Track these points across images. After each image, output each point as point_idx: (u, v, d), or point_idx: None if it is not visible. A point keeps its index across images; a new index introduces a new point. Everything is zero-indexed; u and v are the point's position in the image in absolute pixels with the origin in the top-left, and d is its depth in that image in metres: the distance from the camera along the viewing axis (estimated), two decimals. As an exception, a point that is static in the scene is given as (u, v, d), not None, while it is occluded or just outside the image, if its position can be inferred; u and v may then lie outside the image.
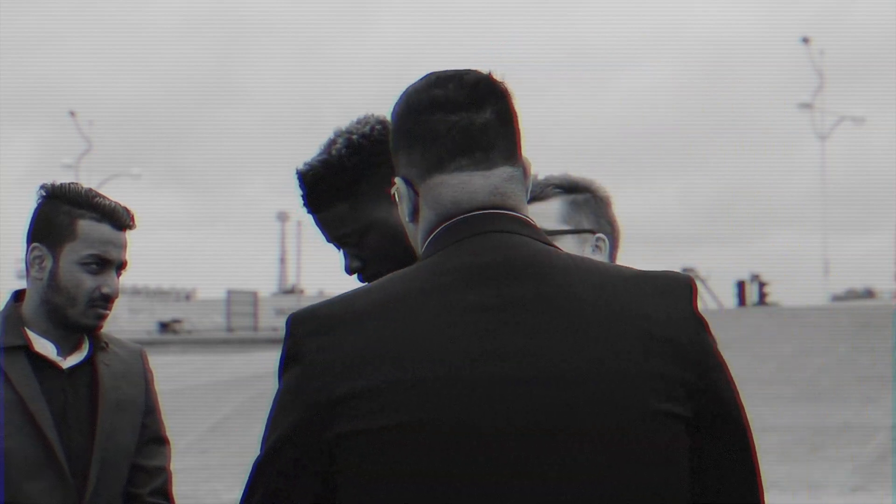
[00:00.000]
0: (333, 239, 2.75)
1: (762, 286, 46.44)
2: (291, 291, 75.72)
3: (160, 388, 3.45)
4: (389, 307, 1.87)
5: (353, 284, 2.74)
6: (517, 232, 1.93)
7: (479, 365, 1.83)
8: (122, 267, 3.25)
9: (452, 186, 1.95)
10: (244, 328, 59.22)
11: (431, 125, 1.95)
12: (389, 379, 1.82)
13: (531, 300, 1.86)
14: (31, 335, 3.22)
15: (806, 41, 50.48)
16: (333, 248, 2.79)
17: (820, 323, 26.63)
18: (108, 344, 3.30)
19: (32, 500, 3.13)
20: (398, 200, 2.01)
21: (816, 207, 62.74)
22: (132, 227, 3.26)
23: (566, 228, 2.84)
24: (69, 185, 3.26)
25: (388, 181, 2.65)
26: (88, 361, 3.25)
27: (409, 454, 1.81)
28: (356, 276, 2.74)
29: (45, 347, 3.22)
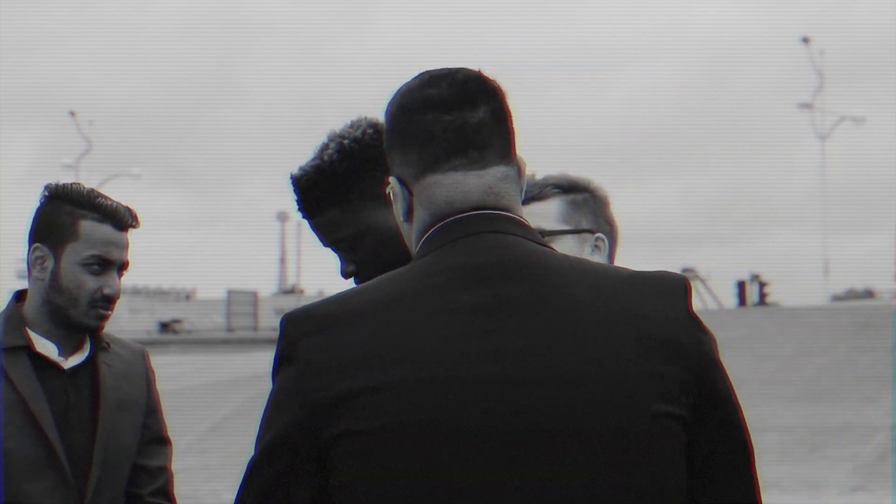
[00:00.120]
0: (328, 243, 2.76)
1: (762, 286, 46.44)
2: (291, 291, 75.69)
3: (160, 388, 3.45)
4: (384, 307, 1.87)
5: (352, 285, 2.76)
6: (511, 232, 1.93)
7: (474, 365, 1.82)
8: (123, 267, 3.25)
9: (447, 186, 1.94)
10: (244, 328, 59.21)
11: (425, 125, 1.95)
12: (385, 379, 1.82)
13: (526, 301, 1.86)
14: (32, 335, 3.22)
15: (806, 41, 50.49)
16: (330, 251, 2.79)
17: (820, 323, 26.64)
18: (109, 344, 3.30)
19: (34, 500, 3.13)
20: (393, 200, 2.01)
21: (816, 207, 62.76)
22: (135, 226, 3.26)
23: (565, 228, 2.84)
24: (71, 185, 3.26)
25: (380, 185, 2.66)
26: (90, 362, 3.25)
27: (405, 455, 1.80)
28: (352, 279, 2.75)
29: (46, 348, 3.22)
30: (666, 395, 1.85)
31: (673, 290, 1.92)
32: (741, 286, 46.27)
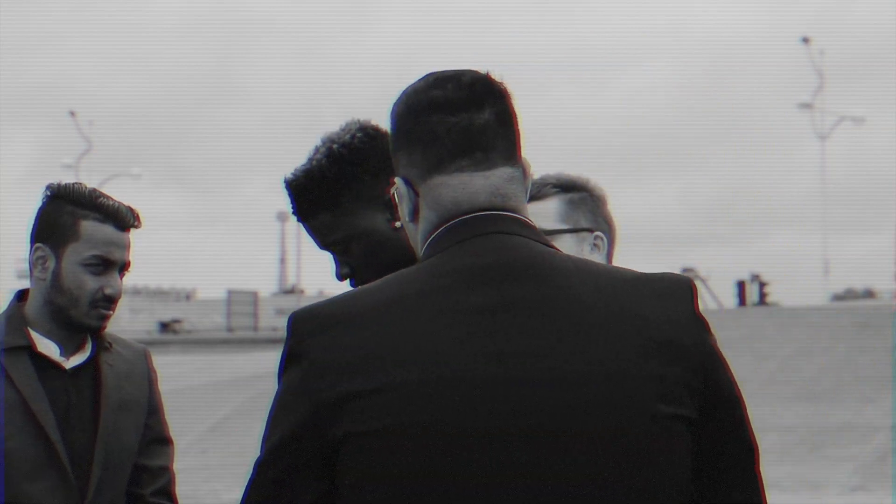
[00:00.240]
0: (322, 246, 2.77)
1: (762, 286, 46.45)
2: (291, 291, 75.67)
3: (160, 387, 3.45)
4: (391, 308, 1.87)
5: (349, 288, 2.77)
6: (517, 233, 1.93)
7: (478, 366, 1.83)
8: (125, 267, 3.25)
9: (453, 187, 1.95)
10: (244, 328, 59.20)
11: (431, 126, 1.95)
12: (390, 380, 1.82)
13: (531, 302, 1.86)
14: (34, 335, 3.22)
15: (806, 41, 50.48)
16: (327, 253, 2.80)
17: (820, 323, 26.63)
18: (111, 344, 3.30)
19: (35, 500, 3.13)
20: (397, 201, 2.01)
21: (816, 207, 62.76)
22: (137, 227, 3.25)
23: (564, 228, 2.84)
24: (73, 185, 3.26)
25: (371, 188, 2.68)
26: (91, 362, 3.25)
27: (409, 455, 1.80)
28: (348, 281, 2.76)
29: (48, 348, 3.22)
30: (669, 396, 1.85)
31: (677, 291, 1.92)
32: (741, 286, 46.28)
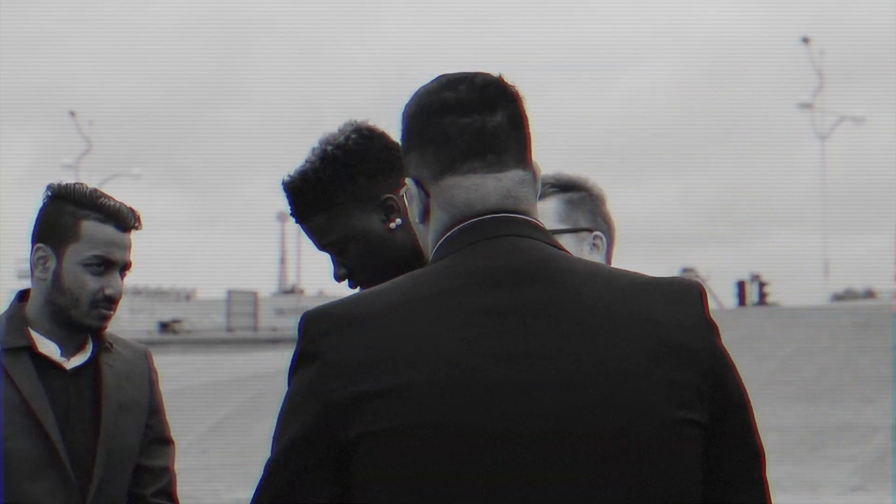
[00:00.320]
0: (320, 247, 2.78)
1: (762, 286, 46.48)
2: (291, 291, 75.66)
3: (160, 388, 3.45)
4: (404, 309, 1.86)
5: (347, 288, 2.78)
6: (529, 236, 1.93)
7: (491, 368, 1.83)
8: (126, 268, 3.25)
9: (465, 189, 1.95)
10: (244, 328, 59.21)
11: (443, 127, 1.96)
12: (401, 381, 1.82)
13: (544, 304, 1.87)
14: (34, 336, 3.22)
15: (806, 41, 50.50)
16: (326, 254, 2.81)
17: (820, 323, 26.63)
18: (112, 344, 3.30)
19: (35, 500, 3.13)
20: (408, 201, 2.01)
21: (816, 207, 62.77)
22: (137, 227, 3.25)
23: (564, 227, 2.85)
24: (74, 185, 3.26)
25: (365, 190, 2.69)
26: (92, 362, 3.25)
27: (422, 456, 1.80)
28: (346, 282, 2.77)
29: (48, 348, 3.22)
30: (680, 400, 1.86)
31: (688, 296, 1.93)
32: (741, 286, 46.30)
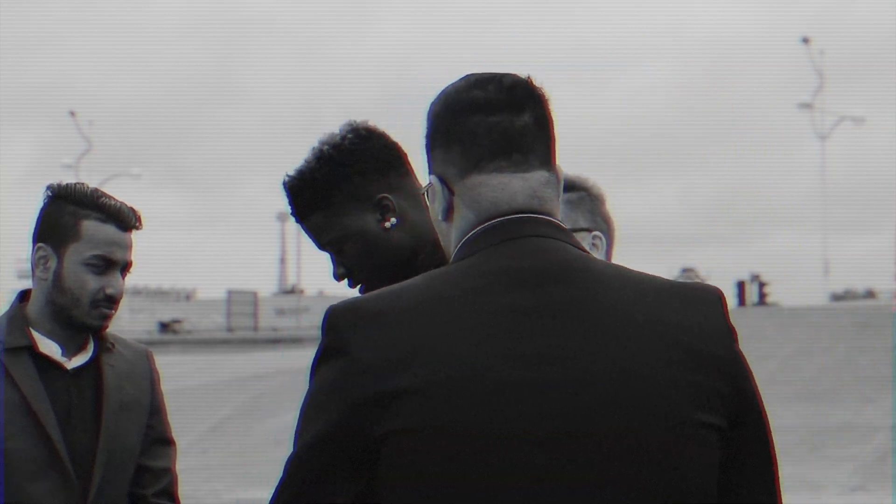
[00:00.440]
0: (319, 246, 2.79)
1: (762, 286, 46.49)
2: (291, 291, 75.66)
3: (161, 388, 3.45)
4: (431, 307, 1.86)
5: (348, 288, 2.78)
6: (554, 237, 1.94)
7: (517, 368, 1.83)
8: (127, 268, 3.25)
9: (492, 187, 1.95)
10: (244, 328, 59.20)
11: (471, 125, 1.96)
12: (430, 379, 1.81)
13: (569, 305, 1.87)
14: (35, 335, 3.22)
15: (806, 41, 50.51)
16: (325, 253, 2.82)
17: (820, 323, 26.64)
18: (113, 345, 3.30)
19: (36, 500, 3.13)
20: (430, 199, 2.01)
21: (816, 207, 62.77)
22: (138, 227, 3.25)
23: (563, 228, 2.84)
24: (75, 185, 3.26)
25: (361, 189, 2.70)
26: (93, 362, 3.25)
27: (446, 456, 1.80)
28: (346, 282, 2.77)
29: (49, 348, 3.21)
30: (703, 404, 1.86)
31: (709, 301, 1.93)
32: (741, 286, 46.29)
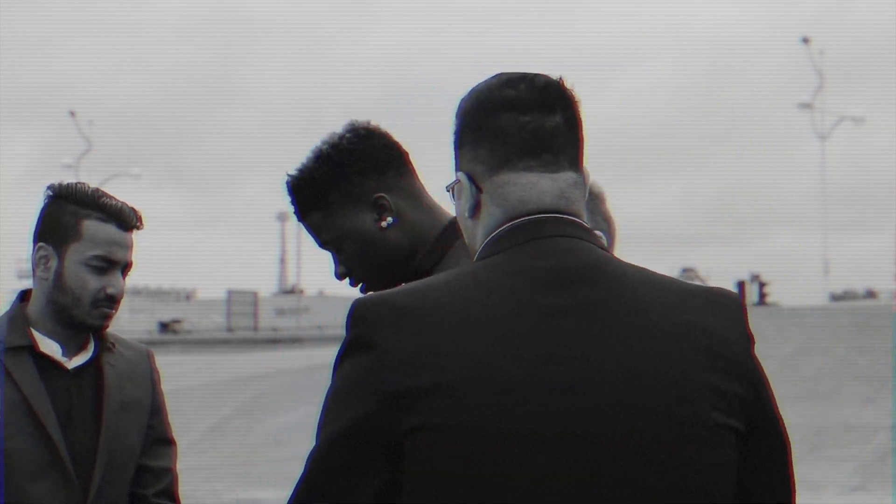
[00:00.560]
0: (320, 245, 2.80)
1: (762, 286, 46.46)
2: (291, 291, 75.66)
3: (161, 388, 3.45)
4: (460, 304, 1.86)
5: (349, 287, 2.79)
6: (580, 237, 1.94)
7: (546, 368, 1.83)
8: (127, 267, 3.25)
9: (521, 186, 1.95)
10: (244, 328, 59.20)
11: (501, 124, 1.96)
12: (460, 377, 1.81)
13: (597, 306, 1.87)
14: (36, 335, 3.21)
15: (806, 41, 50.50)
16: (327, 253, 2.83)
17: (820, 323, 26.64)
18: (114, 344, 3.30)
19: (36, 500, 3.12)
20: (456, 195, 2.02)
21: (816, 207, 62.78)
22: (139, 227, 3.25)
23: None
24: (76, 185, 3.26)
25: (358, 188, 2.72)
26: (94, 362, 3.25)
27: (470, 453, 1.79)
28: (347, 280, 2.78)
29: (50, 347, 3.21)
30: (723, 407, 1.87)
31: (730, 306, 1.95)
32: (741, 286, 46.24)
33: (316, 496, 1.85)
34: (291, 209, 2.80)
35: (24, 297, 3.29)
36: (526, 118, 1.96)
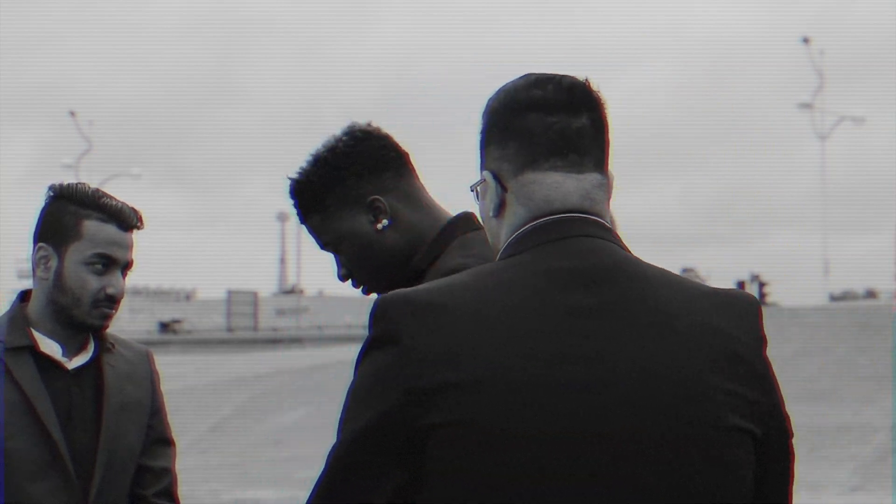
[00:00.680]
0: (321, 247, 2.82)
1: (762, 286, 46.47)
2: (291, 291, 75.67)
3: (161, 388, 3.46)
4: (486, 303, 1.86)
5: (351, 288, 2.80)
6: (604, 238, 1.95)
7: (568, 368, 1.83)
8: (127, 267, 3.25)
9: (546, 185, 1.96)
10: (244, 328, 59.23)
11: (528, 123, 1.97)
12: (484, 374, 1.81)
13: (614, 306, 1.88)
14: (36, 335, 3.21)
15: (806, 41, 50.50)
16: (328, 254, 2.84)
17: (820, 323, 26.64)
18: (114, 345, 3.30)
19: (37, 500, 3.12)
20: (481, 194, 2.02)
21: (816, 207, 62.79)
22: (139, 227, 3.25)
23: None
24: (76, 185, 3.26)
25: (354, 191, 2.73)
26: (94, 362, 3.25)
27: (492, 451, 1.80)
28: (349, 282, 2.79)
29: (50, 348, 3.21)
30: (741, 410, 1.88)
31: (749, 309, 1.96)
32: (741, 286, 46.24)
33: (337, 494, 1.85)
34: (294, 211, 2.82)
35: (24, 297, 3.29)
36: (552, 119, 1.97)
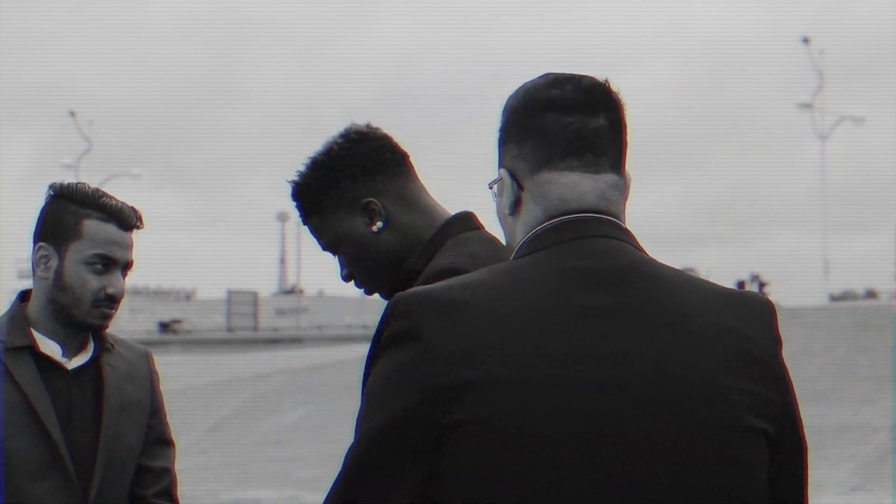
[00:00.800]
0: (322, 248, 2.83)
1: (762, 286, 46.50)
2: (291, 291, 75.68)
3: (160, 388, 3.46)
4: (505, 302, 1.87)
5: (353, 288, 2.81)
6: (619, 238, 1.95)
7: (586, 368, 1.84)
8: (128, 267, 3.25)
9: (562, 185, 1.97)
10: (244, 328, 59.25)
11: (546, 123, 1.98)
12: (492, 374, 1.81)
13: (629, 306, 1.88)
14: (36, 335, 3.21)
15: (806, 41, 50.49)
16: (329, 254, 2.86)
17: (820, 323, 26.62)
18: (113, 345, 3.30)
19: (37, 500, 3.13)
20: (498, 192, 2.03)
21: (816, 207, 62.75)
22: (139, 227, 3.26)
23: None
24: (76, 184, 3.26)
25: (350, 194, 2.74)
26: (94, 362, 3.25)
27: (510, 450, 1.80)
28: (353, 283, 2.81)
29: (50, 348, 3.21)
30: (757, 411, 1.89)
31: (764, 310, 1.97)
32: (741, 286, 46.24)
33: (354, 493, 1.85)
34: (297, 212, 2.84)
35: (24, 297, 3.29)
36: (570, 119, 1.97)
